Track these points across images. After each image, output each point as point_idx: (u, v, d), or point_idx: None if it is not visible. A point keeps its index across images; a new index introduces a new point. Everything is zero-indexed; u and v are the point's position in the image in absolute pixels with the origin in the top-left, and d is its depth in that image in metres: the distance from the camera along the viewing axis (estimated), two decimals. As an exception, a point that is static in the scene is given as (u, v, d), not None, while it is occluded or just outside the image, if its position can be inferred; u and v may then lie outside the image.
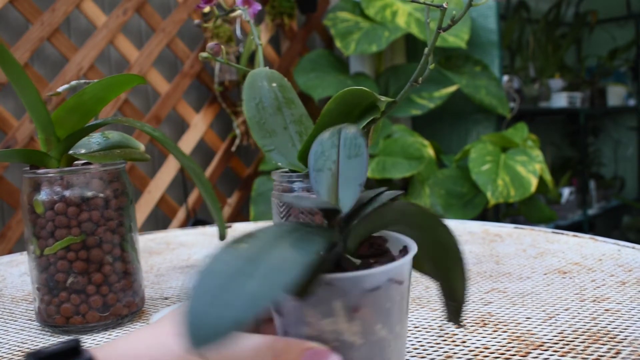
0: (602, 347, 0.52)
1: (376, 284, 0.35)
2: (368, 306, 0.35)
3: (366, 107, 0.62)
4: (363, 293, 0.34)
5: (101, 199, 0.62)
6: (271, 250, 0.29)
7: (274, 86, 0.66)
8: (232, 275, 0.27)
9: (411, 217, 0.38)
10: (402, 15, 2.51)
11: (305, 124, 0.67)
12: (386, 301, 0.35)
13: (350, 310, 0.34)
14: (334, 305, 0.34)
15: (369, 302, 0.35)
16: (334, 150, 0.40)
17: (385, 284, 0.35)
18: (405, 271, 0.37)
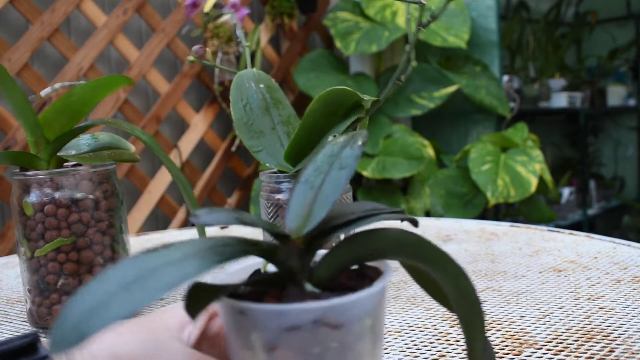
0: (595, 345, 0.52)
1: (294, 323, 0.29)
2: (286, 347, 0.29)
3: (351, 107, 0.62)
4: (279, 331, 0.29)
5: (91, 200, 0.62)
6: (168, 264, 0.28)
7: (261, 87, 0.67)
8: (110, 286, 0.26)
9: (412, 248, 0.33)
10: (402, 15, 2.51)
11: (294, 124, 0.67)
12: (313, 346, 0.29)
13: (267, 348, 0.30)
14: (251, 338, 0.30)
15: (288, 342, 0.29)
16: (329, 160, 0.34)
17: (309, 325, 0.29)
18: (347, 314, 0.30)
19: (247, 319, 0.30)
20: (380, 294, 0.31)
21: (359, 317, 0.30)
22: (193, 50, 0.68)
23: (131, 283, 0.26)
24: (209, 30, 2.30)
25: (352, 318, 0.30)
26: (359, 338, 0.30)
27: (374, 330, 0.31)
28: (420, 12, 0.55)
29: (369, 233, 0.34)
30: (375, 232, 0.33)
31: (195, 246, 0.29)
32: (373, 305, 0.31)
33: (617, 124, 4.54)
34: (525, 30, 3.72)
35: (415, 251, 0.32)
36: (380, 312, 0.32)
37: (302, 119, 0.62)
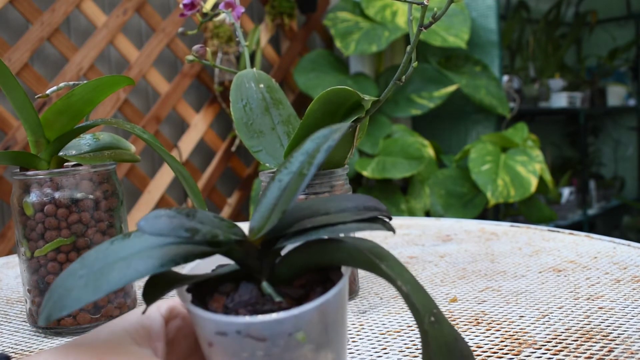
0: (594, 345, 0.52)
1: (221, 330, 0.30)
2: (221, 346, 0.31)
3: (351, 107, 0.62)
4: (212, 333, 0.31)
5: (91, 200, 0.62)
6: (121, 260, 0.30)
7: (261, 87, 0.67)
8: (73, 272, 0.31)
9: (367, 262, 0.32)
10: (402, 15, 2.51)
11: (294, 124, 0.67)
12: (242, 351, 0.30)
13: (206, 343, 0.32)
14: (199, 332, 0.32)
15: (221, 342, 0.31)
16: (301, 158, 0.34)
17: (233, 334, 0.30)
18: (268, 331, 0.30)
19: (191, 316, 0.32)
20: (314, 311, 0.31)
21: (285, 332, 0.30)
22: (193, 50, 0.68)
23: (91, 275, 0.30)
24: (209, 30, 2.30)
25: (276, 334, 0.30)
26: (288, 349, 0.30)
27: (316, 339, 0.31)
28: (422, 12, 0.55)
29: (328, 242, 0.33)
30: (334, 243, 0.33)
31: (150, 242, 0.31)
32: (306, 321, 0.31)
33: (617, 124, 4.54)
34: (525, 30, 3.72)
35: (370, 265, 0.32)
36: (325, 322, 0.32)
37: (302, 119, 0.62)
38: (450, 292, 0.70)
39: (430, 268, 0.81)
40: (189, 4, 0.71)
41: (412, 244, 0.97)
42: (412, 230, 1.09)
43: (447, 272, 0.79)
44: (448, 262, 0.84)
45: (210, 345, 0.31)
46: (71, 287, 0.30)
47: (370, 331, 0.59)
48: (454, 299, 0.67)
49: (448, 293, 0.70)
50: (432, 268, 0.81)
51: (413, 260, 0.86)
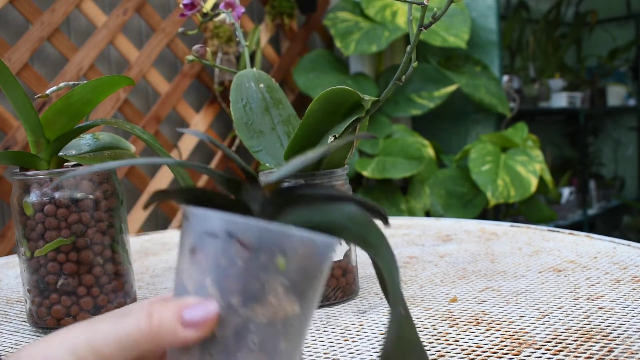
0: (594, 345, 0.52)
1: (213, 230, 0.31)
2: (204, 252, 0.32)
3: (351, 107, 0.62)
4: (202, 234, 0.32)
5: (91, 200, 0.62)
6: None
7: (261, 87, 0.67)
8: None
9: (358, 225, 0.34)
10: (402, 15, 2.51)
11: (294, 124, 0.67)
12: (222, 257, 0.31)
13: (190, 250, 0.32)
14: (184, 240, 0.33)
15: (206, 247, 0.32)
16: None
17: (224, 235, 0.31)
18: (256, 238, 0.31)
19: (187, 222, 0.32)
20: (302, 242, 0.31)
21: (269, 248, 0.31)
22: (194, 50, 0.68)
23: None
24: (209, 30, 2.30)
25: (262, 246, 0.31)
26: (265, 270, 0.31)
27: (291, 278, 0.32)
28: (422, 12, 0.55)
29: (327, 205, 0.35)
30: (333, 206, 0.34)
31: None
32: (291, 248, 0.31)
33: (617, 124, 4.54)
34: (525, 30, 3.72)
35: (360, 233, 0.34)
36: (306, 269, 0.32)
37: (302, 119, 0.62)
38: (450, 292, 0.70)
39: (430, 268, 0.81)
40: (189, 4, 0.71)
41: (412, 244, 0.97)
42: (412, 230, 1.09)
43: (447, 272, 0.79)
44: (448, 262, 0.84)
45: (193, 252, 0.32)
46: None
47: (370, 331, 0.59)
48: (454, 299, 0.67)
49: (448, 293, 0.70)
50: (432, 268, 0.81)
51: (413, 260, 0.86)
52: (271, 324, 0.32)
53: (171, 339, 0.31)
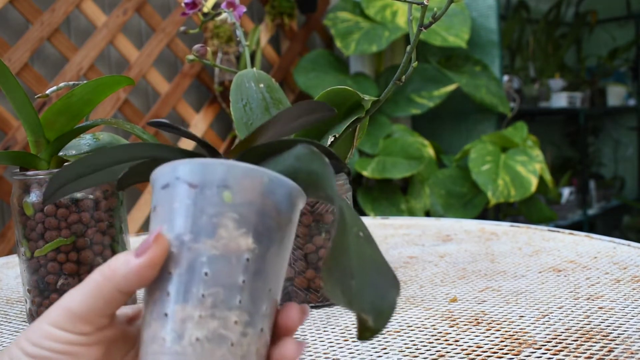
0: (594, 345, 0.52)
1: (165, 181, 0.34)
2: (160, 204, 0.34)
3: (350, 106, 0.62)
4: (158, 190, 0.34)
5: (91, 200, 0.62)
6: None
7: (261, 87, 0.67)
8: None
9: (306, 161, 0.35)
10: (402, 15, 2.51)
11: (294, 123, 0.67)
12: (174, 201, 0.33)
13: (152, 210, 0.34)
14: (152, 205, 0.35)
15: (161, 200, 0.34)
16: None
17: (174, 182, 0.33)
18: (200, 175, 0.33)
19: (152, 179, 0.35)
20: (245, 174, 0.33)
21: (213, 182, 0.33)
22: (194, 50, 0.68)
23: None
24: (209, 30, 2.30)
25: (206, 182, 0.33)
26: (212, 204, 0.33)
27: (239, 211, 0.33)
28: (422, 12, 0.55)
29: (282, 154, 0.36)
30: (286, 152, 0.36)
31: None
32: (235, 181, 0.33)
33: (617, 124, 4.54)
34: (525, 30, 3.72)
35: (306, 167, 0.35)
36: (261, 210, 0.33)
37: (302, 119, 0.62)
38: (450, 292, 0.70)
39: (430, 268, 0.81)
40: (190, 3, 0.71)
41: (412, 244, 0.97)
42: (412, 230, 1.09)
43: (447, 272, 0.79)
44: (448, 262, 0.84)
45: (154, 209, 0.34)
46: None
47: (370, 331, 0.59)
48: (454, 299, 0.67)
49: (448, 293, 0.70)
50: (432, 268, 0.81)
51: (413, 260, 0.86)
52: (223, 256, 0.33)
53: (127, 271, 0.33)
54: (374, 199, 2.43)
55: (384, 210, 2.40)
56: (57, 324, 0.33)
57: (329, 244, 0.32)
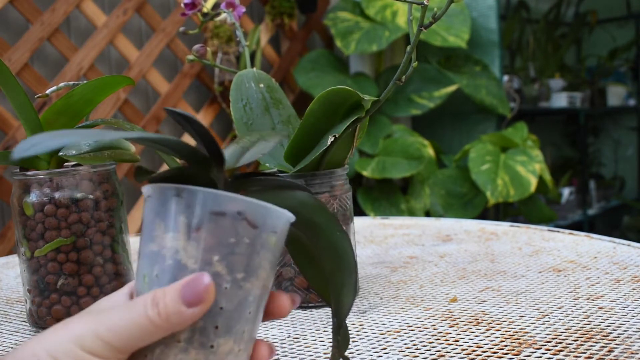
0: (594, 345, 0.52)
1: (222, 209, 0.33)
2: (209, 231, 0.33)
3: (351, 107, 0.62)
4: (207, 214, 0.33)
5: (91, 200, 0.62)
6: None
7: (261, 87, 0.67)
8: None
9: (308, 209, 0.37)
10: (402, 15, 2.51)
11: (294, 124, 0.67)
12: (230, 235, 0.33)
13: (190, 228, 0.33)
14: (178, 219, 0.33)
15: (211, 226, 0.33)
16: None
17: (234, 215, 0.33)
18: (262, 219, 0.34)
19: (181, 201, 0.33)
20: (286, 225, 0.35)
21: (270, 228, 0.34)
22: (194, 50, 0.68)
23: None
24: (209, 30, 2.30)
25: (265, 225, 0.34)
26: (264, 247, 0.34)
27: (274, 254, 0.35)
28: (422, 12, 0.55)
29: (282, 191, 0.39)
30: (287, 192, 0.38)
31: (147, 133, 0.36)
32: (280, 228, 0.35)
33: (617, 124, 4.53)
34: (525, 30, 3.72)
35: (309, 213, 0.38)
36: (280, 245, 0.36)
37: (302, 119, 0.62)
38: (450, 292, 0.70)
39: (430, 268, 0.81)
40: (190, 3, 0.71)
41: (412, 244, 0.97)
42: (412, 230, 1.09)
43: (447, 272, 0.79)
44: (448, 262, 0.84)
45: (198, 230, 0.33)
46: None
47: (370, 331, 0.59)
48: (454, 299, 0.67)
49: (448, 293, 0.70)
50: (432, 268, 0.81)
51: (413, 260, 0.86)
52: (261, 296, 0.35)
53: (180, 321, 0.32)
54: (374, 199, 2.43)
55: (384, 210, 2.40)
56: (91, 350, 0.32)
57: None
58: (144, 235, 0.35)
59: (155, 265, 0.34)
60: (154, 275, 0.34)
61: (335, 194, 0.66)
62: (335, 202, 0.66)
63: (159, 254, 0.34)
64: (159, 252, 0.34)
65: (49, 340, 0.33)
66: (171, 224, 0.34)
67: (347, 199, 0.68)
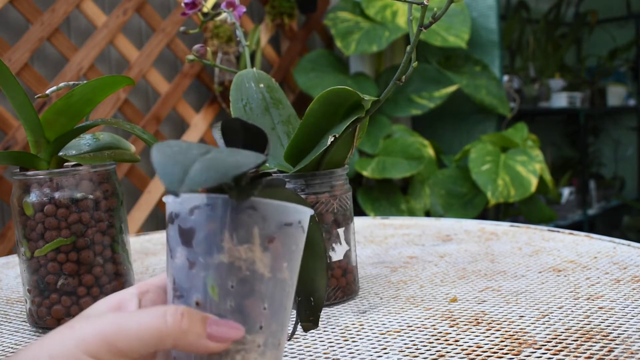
0: (595, 345, 0.52)
1: (290, 220, 0.35)
2: (281, 240, 0.35)
3: (351, 107, 0.62)
4: (279, 225, 0.35)
5: (91, 200, 0.62)
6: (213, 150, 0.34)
7: (261, 87, 0.67)
8: (186, 150, 0.33)
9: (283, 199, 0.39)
10: (402, 15, 2.51)
11: (294, 124, 0.67)
12: (293, 242, 0.36)
13: (265, 240, 0.35)
14: (253, 231, 0.34)
15: (282, 236, 0.35)
16: None
17: (296, 224, 0.36)
18: (306, 223, 0.37)
19: (254, 214, 0.34)
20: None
21: (306, 230, 0.37)
22: (194, 50, 0.68)
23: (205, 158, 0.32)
24: (209, 30, 2.30)
25: (306, 229, 0.37)
26: (302, 249, 0.37)
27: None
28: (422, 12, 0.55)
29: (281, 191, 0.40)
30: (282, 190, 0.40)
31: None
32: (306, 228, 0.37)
33: (617, 124, 4.53)
34: (525, 30, 3.72)
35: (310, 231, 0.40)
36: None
37: (302, 119, 0.62)
38: (450, 292, 0.70)
39: (430, 268, 0.81)
40: (190, 3, 0.71)
41: (412, 244, 0.97)
42: (412, 230, 1.09)
43: (447, 272, 0.79)
44: (448, 262, 0.84)
45: (271, 241, 0.35)
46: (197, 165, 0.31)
47: (370, 331, 0.59)
48: (454, 299, 0.67)
49: (448, 293, 0.70)
50: (432, 268, 0.81)
51: (413, 260, 0.86)
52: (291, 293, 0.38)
53: (195, 343, 0.33)
54: (374, 199, 2.43)
55: (384, 210, 2.40)
56: (96, 354, 0.31)
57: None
58: (203, 246, 0.34)
59: (230, 276, 0.34)
60: (229, 286, 0.34)
61: (335, 194, 0.66)
62: (335, 202, 0.66)
63: (233, 265, 0.34)
64: (233, 263, 0.34)
65: (51, 344, 0.32)
66: (246, 236, 0.34)
67: (347, 199, 0.68)
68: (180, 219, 0.35)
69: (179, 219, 0.35)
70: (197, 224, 0.34)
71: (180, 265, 0.35)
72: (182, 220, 0.35)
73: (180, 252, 0.35)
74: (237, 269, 0.34)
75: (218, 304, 0.34)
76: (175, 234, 0.35)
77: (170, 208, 0.36)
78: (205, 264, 0.34)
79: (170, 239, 0.36)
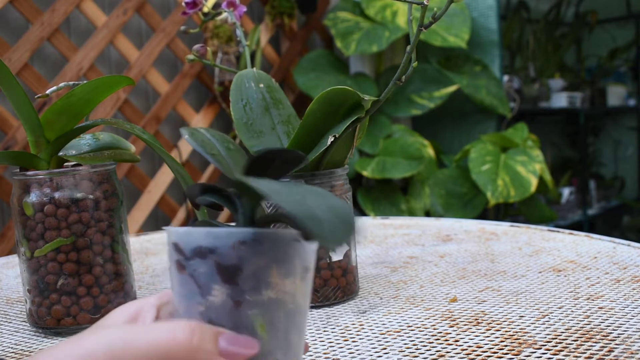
0: (594, 345, 0.52)
1: (316, 248, 0.35)
2: (312, 268, 0.35)
3: (351, 106, 0.62)
4: (312, 254, 0.35)
5: (91, 200, 0.62)
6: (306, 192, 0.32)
7: (261, 87, 0.67)
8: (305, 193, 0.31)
9: None
10: (402, 15, 2.51)
11: (294, 124, 0.67)
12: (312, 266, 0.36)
13: (303, 270, 0.34)
14: (295, 263, 0.34)
15: (312, 264, 0.35)
16: None
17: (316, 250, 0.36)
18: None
19: (295, 246, 0.34)
20: None
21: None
22: (194, 50, 0.68)
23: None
24: (209, 30, 2.30)
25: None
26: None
27: None
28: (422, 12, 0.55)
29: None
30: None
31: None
32: None
33: (617, 124, 4.53)
34: (525, 30, 3.72)
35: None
36: None
37: (302, 119, 0.62)
38: (450, 292, 0.70)
39: (430, 268, 0.81)
40: (190, 2, 0.71)
41: (412, 244, 0.97)
42: (412, 230, 1.09)
43: (447, 272, 0.79)
44: (448, 262, 0.84)
45: (307, 271, 0.35)
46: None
47: (370, 331, 0.59)
48: (454, 299, 0.67)
49: (448, 293, 0.70)
50: (432, 268, 0.81)
51: (413, 260, 0.86)
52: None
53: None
54: (374, 199, 2.43)
55: (384, 210, 2.40)
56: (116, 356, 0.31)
57: None
58: (251, 283, 0.33)
59: (277, 312, 0.33)
60: (277, 322, 0.33)
61: (335, 194, 0.66)
62: (335, 202, 0.66)
63: (278, 300, 0.33)
64: (278, 298, 0.33)
65: (57, 356, 0.32)
66: (290, 269, 0.34)
67: (347, 199, 0.68)
68: (218, 254, 0.32)
69: (217, 254, 0.32)
70: (243, 260, 0.32)
71: (220, 304, 0.33)
72: (221, 257, 0.32)
73: (219, 291, 0.33)
74: (282, 304, 0.33)
75: (268, 343, 0.33)
76: (210, 270, 0.33)
77: (196, 242, 0.33)
78: (254, 302, 0.33)
79: (198, 275, 0.33)
